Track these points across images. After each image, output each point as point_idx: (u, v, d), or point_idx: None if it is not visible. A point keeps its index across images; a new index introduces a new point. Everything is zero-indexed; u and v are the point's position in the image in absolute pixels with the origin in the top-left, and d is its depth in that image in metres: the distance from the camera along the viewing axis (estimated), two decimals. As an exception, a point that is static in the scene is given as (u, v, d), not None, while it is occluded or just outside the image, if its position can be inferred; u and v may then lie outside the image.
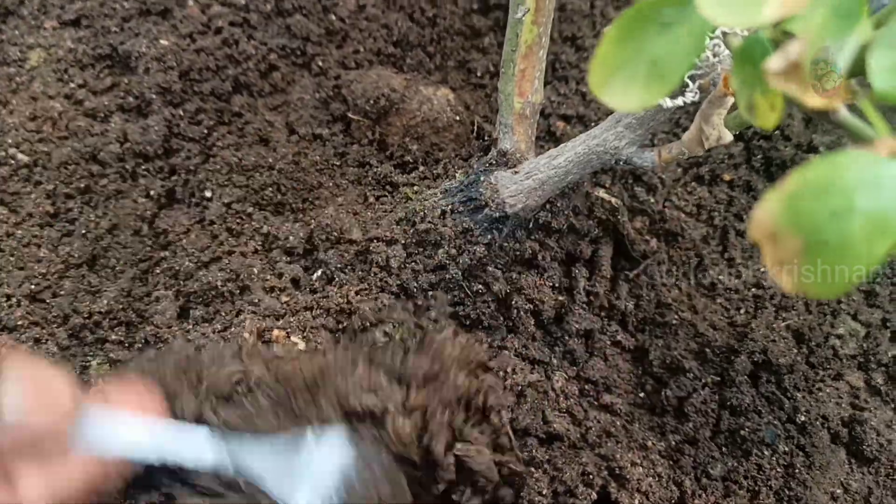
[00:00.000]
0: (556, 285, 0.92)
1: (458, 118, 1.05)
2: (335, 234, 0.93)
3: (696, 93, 0.68)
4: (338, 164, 1.04)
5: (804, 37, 0.40)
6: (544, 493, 0.77)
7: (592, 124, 1.06)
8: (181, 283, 0.92)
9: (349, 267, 0.91)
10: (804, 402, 0.90)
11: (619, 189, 1.02)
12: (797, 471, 0.86)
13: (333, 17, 1.10)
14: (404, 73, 1.11)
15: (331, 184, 1.02)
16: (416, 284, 0.87)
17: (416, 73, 1.12)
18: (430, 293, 0.87)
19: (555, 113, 1.11)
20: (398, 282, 0.87)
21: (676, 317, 0.96)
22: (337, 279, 0.91)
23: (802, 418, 0.88)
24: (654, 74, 0.48)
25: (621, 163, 0.83)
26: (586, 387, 0.88)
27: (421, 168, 1.03)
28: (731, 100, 0.66)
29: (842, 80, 0.42)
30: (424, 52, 1.12)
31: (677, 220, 1.02)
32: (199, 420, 0.68)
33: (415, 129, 1.03)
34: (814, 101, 0.41)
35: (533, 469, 0.78)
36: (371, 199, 1.01)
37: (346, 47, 1.10)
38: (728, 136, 0.69)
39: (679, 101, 0.68)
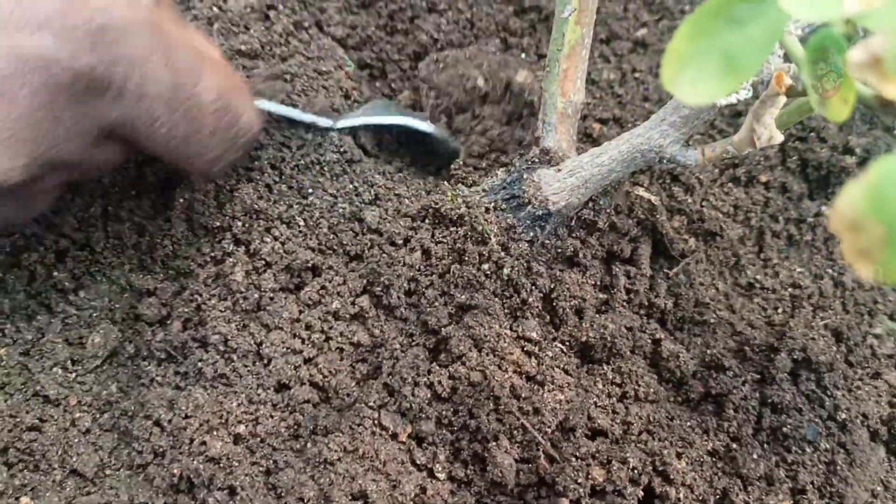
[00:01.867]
0: (598, 283, 0.93)
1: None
2: None
3: (749, 91, 0.69)
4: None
5: (886, 31, 0.41)
6: (591, 485, 0.78)
7: (629, 126, 1.07)
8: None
9: None
10: (844, 401, 0.90)
11: (657, 188, 1.03)
12: (839, 468, 0.86)
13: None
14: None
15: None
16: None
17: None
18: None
19: (591, 115, 1.12)
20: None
21: (715, 315, 0.96)
22: None
23: (843, 416, 0.89)
24: (727, 69, 0.49)
25: (664, 161, 0.84)
26: (628, 383, 0.89)
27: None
28: (783, 99, 0.67)
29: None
30: (462, 53, 1.14)
31: (715, 220, 1.03)
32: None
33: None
34: (894, 92, 0.42)
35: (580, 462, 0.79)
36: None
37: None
38: (779, 137, 0.70)
39: (732, 99, 0.69)
